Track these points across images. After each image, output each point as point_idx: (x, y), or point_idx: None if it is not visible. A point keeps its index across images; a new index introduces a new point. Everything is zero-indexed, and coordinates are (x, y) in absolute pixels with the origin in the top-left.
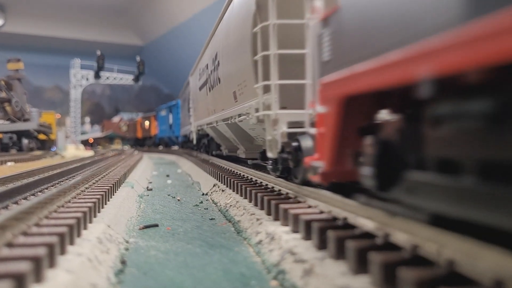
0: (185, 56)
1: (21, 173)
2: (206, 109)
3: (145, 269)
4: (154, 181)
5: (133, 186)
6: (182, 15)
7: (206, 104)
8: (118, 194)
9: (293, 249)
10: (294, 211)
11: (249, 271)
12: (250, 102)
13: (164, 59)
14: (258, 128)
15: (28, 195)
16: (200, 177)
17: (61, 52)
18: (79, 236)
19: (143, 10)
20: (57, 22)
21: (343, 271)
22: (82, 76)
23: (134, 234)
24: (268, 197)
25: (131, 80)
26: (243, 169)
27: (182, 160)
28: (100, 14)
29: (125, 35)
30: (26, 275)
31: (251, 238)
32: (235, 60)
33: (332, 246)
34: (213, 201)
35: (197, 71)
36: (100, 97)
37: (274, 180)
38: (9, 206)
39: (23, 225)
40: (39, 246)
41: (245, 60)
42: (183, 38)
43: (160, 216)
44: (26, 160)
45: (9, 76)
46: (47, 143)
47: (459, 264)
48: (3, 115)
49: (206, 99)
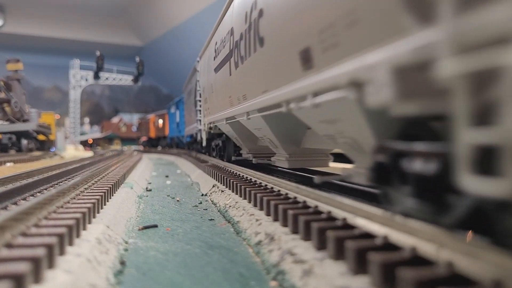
0: (185, 56)
1: (20, 174)
2: (225, 99)
3: (144, 270)
4: (153, 182)
5: (133, 186)
6: (182, 15)
7: (228, 90)
8: (117, 195)
9: (292, 249)
10: (293, 211)
11: (249, 271)
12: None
13: (163, 60)
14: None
15: (27, 196)
16: (199, 177)
17: (61, 52)
18: (78, 236)
19: (143, 10)
20: (56, 22)
21: (343, 271)
22: (81, 76)
23: (134, 235)
24: (268, 198)
25: (131, 81)
26: (242, 169)
27: (181, 161)
28: (99, 15)
29: (124, 35)
30: (25, 275)
31: (251, 239)
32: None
33: (331, 246)
34: (212, 201)
35: (210, 48)
36: (99, 98)
37: (273, 180)
38: (8, 207)
39: (22, 226)
40: (38, 247)
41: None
42: (183, 39)
43: (160, 216)
44: (25, 161)
45: (8, 77)
46: (46, 144)
47: (459, 264)
48: (2, 115)
49: (228, 82)
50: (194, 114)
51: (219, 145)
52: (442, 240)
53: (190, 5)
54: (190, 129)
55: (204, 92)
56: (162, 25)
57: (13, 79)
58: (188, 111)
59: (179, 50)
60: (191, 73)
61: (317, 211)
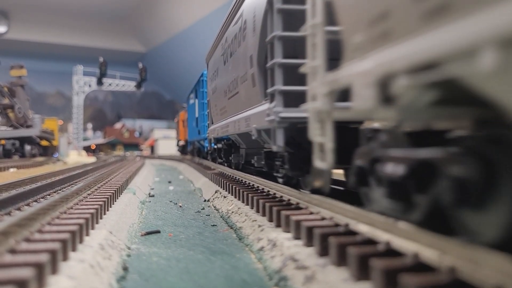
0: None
1: (24, 179)
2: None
3: (147, 276)
4: (156, 187)
5: (135, 192)
6: (184, 22)
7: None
8: (120, 201)
9: (294, 255)
10: (295, 217)
11: (251, 277)
12: None
13: (166, 66)
14: None
15: (30, 201)
16: (202, 183)
17: (64, 58)
18: (81, 242)
19: (146, 17)
20: (60, 28)
21: (345, 277)
22: (84, 82)
23: (136, 241)
24: (270, 204)
25: (133, 87)
26: (245, 175)
27: (184, 166)
28: (103, 21)
29: (127, 41)
30: (28, 281)
31: (253, 245)
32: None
33: (333, 252)
34: (215, 207)
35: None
36: (102, 104)
37: (275, 186)
38: (12, 212)
39: (26, 232)
40: (42, 253)
41: None
42: (185, 45)
43: (162, 222)
44: (28, 167)
45: (12, 83)
46: (49, 149)
47: (461, 270)
48: (6, 121)
49: None
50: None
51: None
52: (445, 246)
53: (193, 11)
54: (222, 129)
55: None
56: (165, 32)
57: (16, 85)
58: (220, 94)
59: (182, 56)
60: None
61: (320, 217)
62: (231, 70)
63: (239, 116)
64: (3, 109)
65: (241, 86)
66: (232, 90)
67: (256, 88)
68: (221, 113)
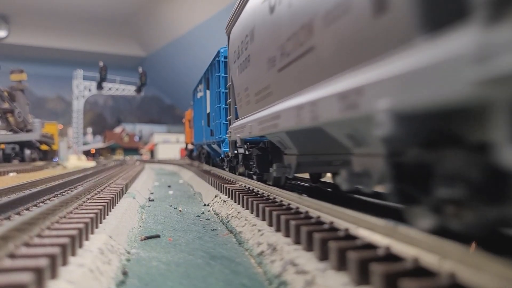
0: (187, 67)
1: (23, 184)
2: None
3: (147, 280)
4: (155, 192)
5: (135, 196)
6: (185, 26)
7: None
8: (120, 205)
9: (294, 260)
10: (295, 222)
11: (251, 282)
12: None
13: (166, 70)
14: None
15: (30, 206)
16: (201, 187)
17: (64, 63)
18: (80, 246)
19: (146, 21)
20: (60, 33)
21: (345, 282)
22: (84, 87)
23: (136, 245)
24: (270, 208)
25: (133, 91)
26: (245, 180)
27: (183, 171)
28: (103, 25)
29: (127, 46)
30: (28, 286)
31: (253, 249)
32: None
33: (333, 257)
34: (214, 212)
35: None
36: (102, 108)
37: (275, 191)
38: (11, 217)
39: (25, 236)
40: (41, 257)
41: None
42: (185, 50)
43: (162, 227)
44: (28, 171)
45: (12, 87)
46: (49, 154)
47: (461, 275)
48: (6, 125)
49: None
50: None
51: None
52: (445, 251)
53: (193, 16)
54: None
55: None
56: (165, 36)
57: (16, 89)
58: (257, 69)
59: (182, 60)
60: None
61: (320, 221)
62: (291, 15)
63: (317, 93)
64: (3, 114)
65: (324, 32)
66: (291, 51)
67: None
68: (258, 100)
